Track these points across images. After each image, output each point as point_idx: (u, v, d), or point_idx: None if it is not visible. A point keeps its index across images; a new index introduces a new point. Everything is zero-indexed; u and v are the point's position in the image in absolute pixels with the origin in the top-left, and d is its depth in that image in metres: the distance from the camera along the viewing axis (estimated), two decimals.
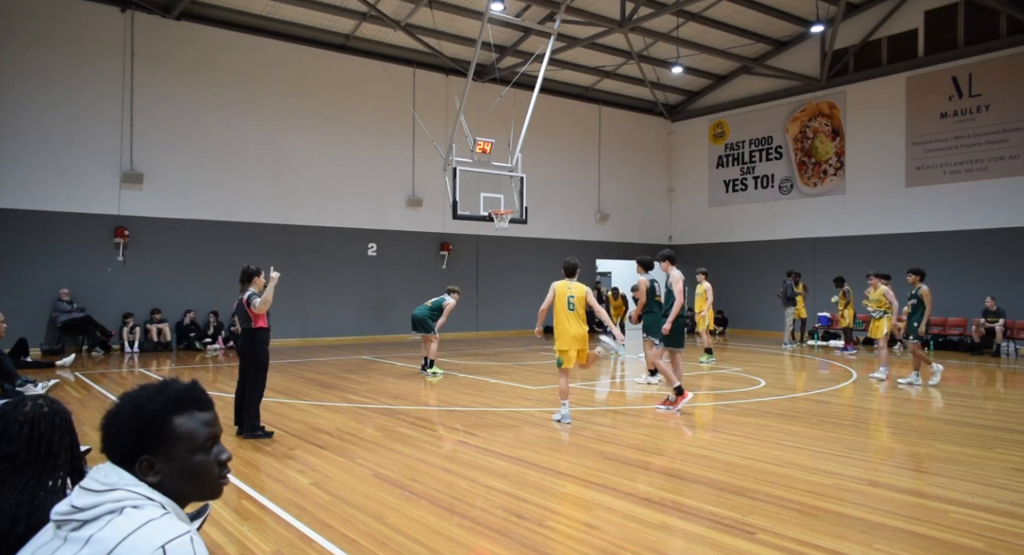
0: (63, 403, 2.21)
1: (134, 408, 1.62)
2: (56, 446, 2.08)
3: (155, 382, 1.68)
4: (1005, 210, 16.68)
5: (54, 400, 2.17)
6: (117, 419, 1.62)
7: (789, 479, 5.41)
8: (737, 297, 21.99)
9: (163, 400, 1.63)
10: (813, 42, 20.05)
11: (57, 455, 2.07)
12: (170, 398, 1.64)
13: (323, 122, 17.69)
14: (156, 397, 1.63)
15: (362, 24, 17.26)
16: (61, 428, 2.11)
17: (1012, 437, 7.03)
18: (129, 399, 1.65)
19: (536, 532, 4.22)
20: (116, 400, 1.67)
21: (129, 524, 1.47)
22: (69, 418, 2.17)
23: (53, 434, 2.08)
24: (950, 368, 13.47)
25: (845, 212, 19.79)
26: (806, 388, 10.57)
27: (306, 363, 13.16)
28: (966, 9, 17.38)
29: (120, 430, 1.60)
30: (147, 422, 1.60)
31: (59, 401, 2.19)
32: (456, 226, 18.29)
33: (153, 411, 1.61)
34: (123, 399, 1.66)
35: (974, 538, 4.14)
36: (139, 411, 1.61)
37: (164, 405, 1.62)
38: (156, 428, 1.60)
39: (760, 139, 21.95)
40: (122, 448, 1.60)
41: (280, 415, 7.97)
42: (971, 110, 17.36)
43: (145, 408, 1.61)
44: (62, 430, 2.11)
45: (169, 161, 15.65)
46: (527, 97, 15.30)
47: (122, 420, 1.61)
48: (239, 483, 5.18)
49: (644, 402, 9.34)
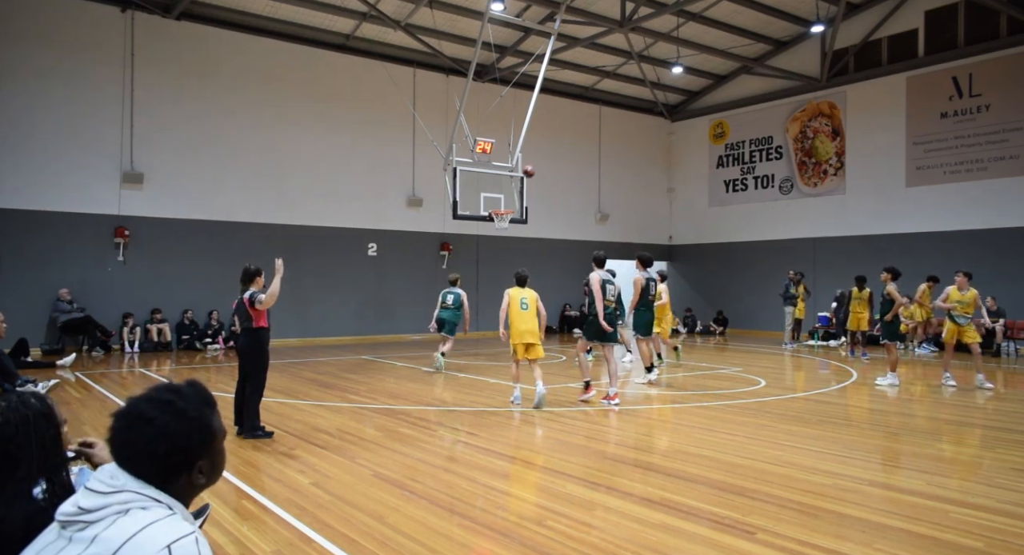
0: (55, 403, 2.15)
1: (191, 420, 1.60)
2: (22, 449, 1.99)
3: (172, 387, 1.65)
4: (1005, 210, 16.67)
5: (28, 400, 2.08)
6: (181, 436, 1.57)
7: (789, 479, 5.41)
8: (737, 297, 22.00)
9: (203, 404, 1.65)
10: (813, 42, 20.05)
11: (20, 458, 1.98)
12: (206, 401, 1.67)
13: (323, 122, 17.69)
14: (197, 403, 1.64)
15: (362, 24, 17.26)
16: (29, 430, 2.01)
17: (1012, 437, 7.03)
18: (178, 412, 1.59)
19: (536, 532, 4.22)
20: (153, 416, 1.57)
21: (134, 524, 1.47)
22: (43, 420, 2.06)
23: (18, 435, 2.00)
24: (952, 368, 13.46)
25: (845, 212, 19.79)
26: (806, 388, 10.56)
27: (306, 363, 13.17)
28: (966, 9, 17.38)
29: (187, 445, 1.59)
30: (205, 429, 1.62)
31: (42, 401, 2.10)
32: (456, 226, 18.29)
33: (207, 418, 1.64)
34: (168, 413, 1.58)
35: (974, 538, 4.14)
36: (196, 422, 1.61)
37: (205, 409, 1.65)
38: (209, 432, 1.63)
39: (760, 139, 21.95)
40: (182, 461, 1.59)
41: (280, 415, 7.97)
42: (971, 110, 17.36)
43: (200, 417, 1.62)
44: (29, 432, 2.01)
45: (169, 161, 15.65)
46: (527, 97, 15.30)
47: (187, 435, 1.59)
48: (239, 483, 5.18)
49: (645, 402, 9.35)
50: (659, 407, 9.02)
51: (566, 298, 21.92)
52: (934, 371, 12.65)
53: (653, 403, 9.28)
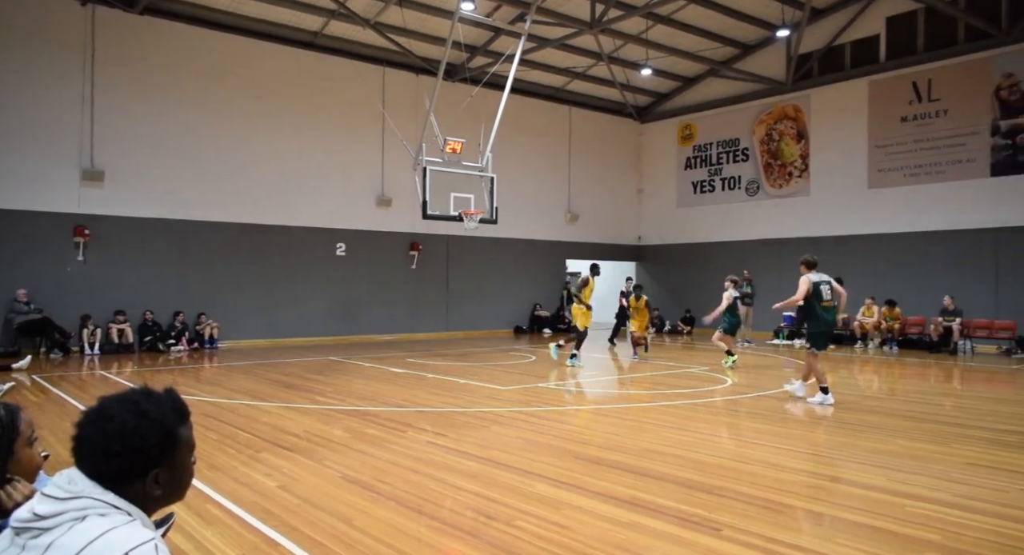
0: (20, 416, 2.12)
1: (152, 423, 1.56)
2: None
3: (145, 391, 1.62)
4: (962, 212, 17.13)
5: None
6: (136, 435, 1.53)
7: (755, 476, 5.50)
8: (705, 297, 22.21)
9: (171, 411, 1.61)
10: (779, 46, 20.39)
11: None
12: (175, 408, 1.62)
13: (291, 120, 17.48)
14: (164, 408, 1.60)
15: (331, 22, 17.11)
16: None
17: (967, 432, 7.23)
18: (140, 412, 1.56)
19: (505, 532, 4.22)
20: (114, 413, 1.55)
21: (92, 531, 1.44)
22: None
23: None
24: (909, 366, 13.81)
25: (809, 213, 20.16)
26: (771, 387, 10.73)
27: (273, 364, 13.01)
28: (926, 16, 17.82)
29: (142, 446, 1.54)
30: (167, 434, 1.58)
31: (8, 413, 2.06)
32: (426, 226, 18.23)
33: (171, 423, 1.59)
34: (130, 412, 1.56)
35: (931, 531, 4.25)
36: (157, 425, 1.57)
37: (172, 416, 1.61)
38: (171, 440, 1.59)
39: (727, 141, 22.25)
40: (136, 465, 1.54)
41: (246, 417, 7.86)
42: (930, 114, 17.80)
43: (163, 421, 1.58)
44: None
45: (132, 159, 15.33)
46: (498, 97, 15.31)
47: (143, 435, 1.54)
48: (203, 487, 5.10)
49: (614, 401, 9.41)
50: (628, 406, 9.09)
51: (536, 298, 21.98)
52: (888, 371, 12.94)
53: (622, 403, 9.35)
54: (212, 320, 15.99)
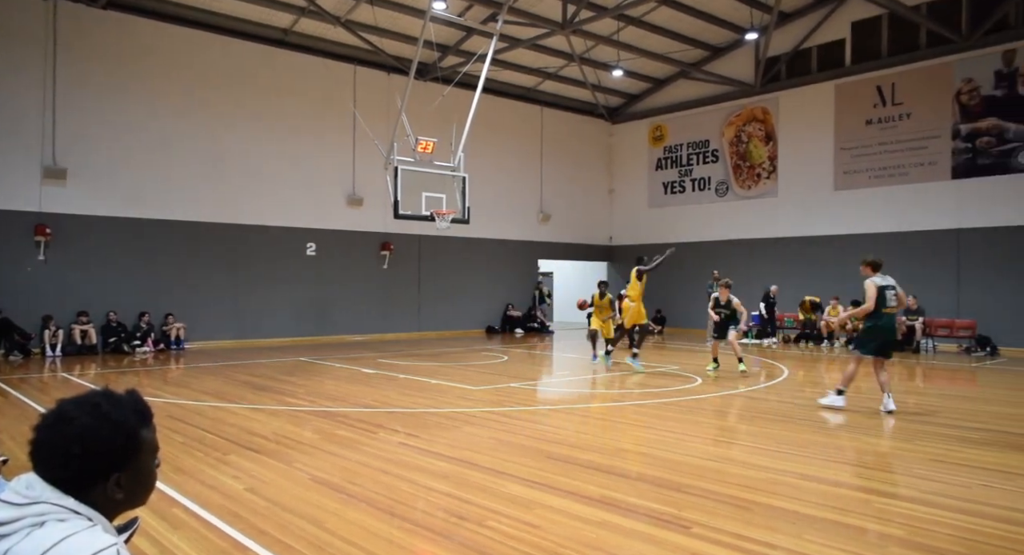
0: None
1: (113, 425, 1.51)
2: None
3: (106, 392, 1.57)
4: (925, 213, 17.52)
5: None
6: (96, 438, 1.48)
7: (724, 474, 5.56)
8: (675, 297, 22.45)
9: (133, 413, 1.56)
10: (748, 49, 20.65)
11: None
12: (137, 410, 1.57)
13: (261, 118, 17.25)
14: (126, 410, 1.55)
15: (301, 19, 16.93)
16: None
17: (931, 429, 7.39)
18: (101, 414, 1.51)
19: (477, 533, 4.21)
20: (74, 416, 1.50)
21: (50, 537, 1.40)
22: None
23: None
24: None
25: (777, 214, 20.46)
26: (741, 385, 10.86)
27: (242, 365, 12.82)
28: (889, 21, 18.19)
29: (101, 449, 1.49)
30: (128, 437, 1.53)
31: None
32: (398, 226, 18.12)
33: (132, 425, 1.54)
34: (90, 415, 1.51)
35: (896, 526, 4.33)
36: (118, 427, 1.51)
37: (134, 418, 1.55)
38: (134, 443, 1.53)
39: (697, 142, 22.48)
40: (96, 468, 1.49)
41: (214, 419, 7.74)
42: (894, 118, 18.18)
43: (124, 423, 1.52)
44: None
45: (95, 156, 14.99)
46: (469, 97, 15.27)
47: (103, 438, 1.49)
48: (170, 490, 5.00)
49: (585, 401, 9.45)
50: (599, 406, 9.13)
51: (508, 298, 21.98)
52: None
53: (593, 402, 9.39)
54: (179, 321, 15.71)
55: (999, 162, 16.52)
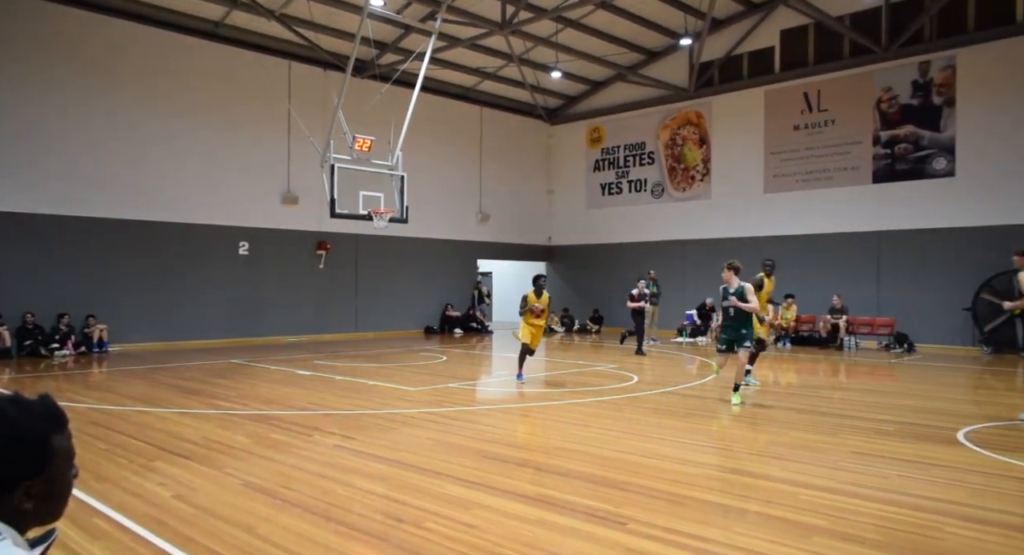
0: None
1: (21, 431, 1.43)
2: None
3: (13, 398, 1.49)
4: (848, 216, 18.30)
5: None
6: (6, 447, 1.41)
7: (659, 470, 5.67)
8: (612, 297, 22.77)
9: (40, 419, 1.47)
10: (682, 54, 21.14)
11: None
12: (49, 416, 1.49)
13: (189, 112, 16.67)
14: (35, 416, 1.46)
15: (233, 11, 16.44)
16: None
17: (853, 423, 7.72)
18: (7, 421, 1.44)
19: (414, 534, 4.18)
20: None
21: None
22: None
23: None
24: (801, 362, 14.62)
25: (710, 216, 21.00)
26: (675, 383, 11.11)
27: (170, 369, 12.36)
28: (815, 30, 18.92)
29: (9, 457, 1.41)
30: (33, 445, 1.44)
31: None
32: (335, 225, 17.80)
33: (42, 432, 1.46)
34: None
35: (820, 517, 4.50)
36: (22, 435, 1.43)
37: (44, 425, 1.47)
38: (41, 450, 1.45)
39: (634, 145, 22.88)
40: (4, 477, 1.41)
41: (139, 424, 7.44)
42: (820, 124, 18.91)
43: (29, 431, 1.44)
44: None
45: (12, 151, 14.20)
46: (408, 95, 15.15)
47: (10, 446, 1.41)
48: (90, 500, 4.78)
49: (521, 400, 9.49)
50: (536, 404, 9.18)
51: (447, 298, 21.89)
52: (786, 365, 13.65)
53: (530, 401, 9.44)
54: (101, 322, 15.04)
55: (915, 168, 17.39)
